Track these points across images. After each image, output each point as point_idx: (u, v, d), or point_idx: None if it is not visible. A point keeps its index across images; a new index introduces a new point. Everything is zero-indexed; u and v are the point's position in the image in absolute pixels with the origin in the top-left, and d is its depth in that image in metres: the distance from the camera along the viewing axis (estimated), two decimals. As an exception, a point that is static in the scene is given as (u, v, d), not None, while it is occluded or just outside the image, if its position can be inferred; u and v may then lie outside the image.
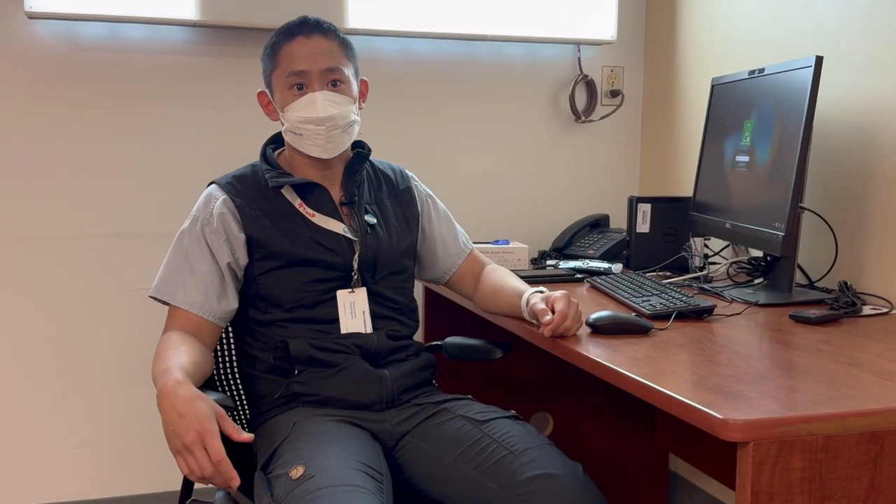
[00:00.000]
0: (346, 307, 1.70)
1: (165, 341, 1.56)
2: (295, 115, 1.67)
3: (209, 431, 1.31)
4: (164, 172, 2.45)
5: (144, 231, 2.45)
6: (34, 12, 2.23)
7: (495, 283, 1.81)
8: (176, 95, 2.44)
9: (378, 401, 1.65)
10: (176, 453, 1.33)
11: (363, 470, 1.44)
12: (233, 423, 1.37)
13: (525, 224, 2.73)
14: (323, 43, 1.68)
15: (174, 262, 1.67)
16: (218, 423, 1.34)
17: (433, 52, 2.64)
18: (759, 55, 2.26)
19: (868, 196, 1.93)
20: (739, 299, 1.87)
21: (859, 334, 1.58)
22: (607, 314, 1.61)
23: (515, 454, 1.49)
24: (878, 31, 1.90)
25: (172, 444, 1.33)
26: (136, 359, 2.45)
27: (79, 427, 2.46)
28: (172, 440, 1.33)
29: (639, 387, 1.28)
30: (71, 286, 2.42)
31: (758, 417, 1.09)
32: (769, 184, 1.88)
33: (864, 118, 1.94)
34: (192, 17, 2.33)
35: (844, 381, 1.26)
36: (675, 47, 2.67)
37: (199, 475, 1.32)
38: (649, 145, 2.83)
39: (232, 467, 1.31)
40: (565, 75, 2.76)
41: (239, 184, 1.72)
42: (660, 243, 2.33)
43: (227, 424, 1.35)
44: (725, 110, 2.14)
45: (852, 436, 1.11)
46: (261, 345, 1.70)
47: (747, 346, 1.53)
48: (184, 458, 1.32)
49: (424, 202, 1.88)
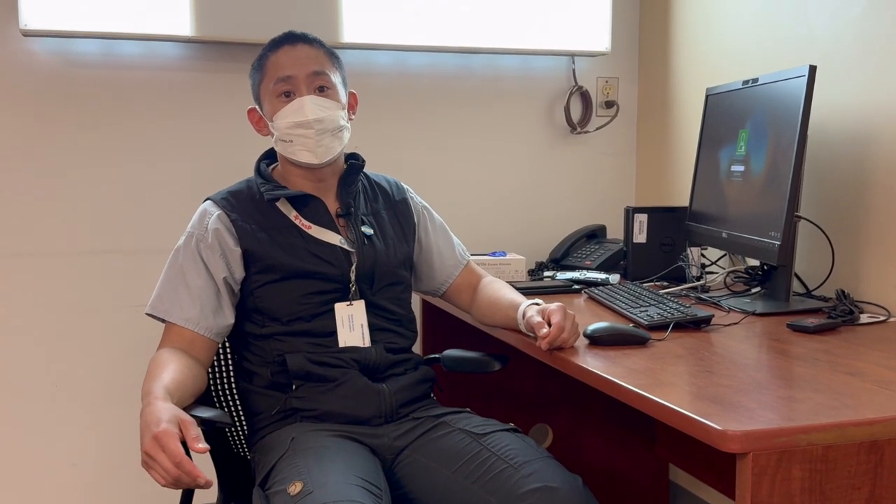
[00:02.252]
0: (344, 320, 1.69)
1: (155, 360, 1.56)
2: (284, 122, 1.67)
3: (165, 433, 1.30)
4: (160, 188, 2.45)
5: (142, 247, 2.44)
6: (29, 30, 2.23)
7: (492, 295, 1.81)
8: (172, 111, 2.44)
9: (376, 415, 1.65)
10: (144, 466, 1.31)
11: (362, 485, 1.43)
12: (196, 431, 1.34)
13: (522, 235, 2.73)
14: (308, 50, 1.70)
15: (170, 278, 1.67)
16: (181, 429, 1.32)
17: (428, 65, 2.65)
18: (754, 65, 2.27)
19: (864, 204, 1.93)
20: (737, 309, 1.87)
21: (857, 343, 1.58)
22: (605, 325, 1.61)
23: (515, 467, 1.48)
24: (871, 39, 1.90)
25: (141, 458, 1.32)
26: (134, 376, 2.41)
27: (77, 444, 2.45)
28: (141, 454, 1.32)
29: (637, 398, 1.28)
30: (68, 303, 2.41)
31: (757, 428, 1.08)
32: (764, 193, 1.88)
33: (860, 127, 1.94)
34: (187, 34, 2.34)
35: (843, 391, 1.25)
36: (669, 58, 2.68)
37: (167, 480, 1.29)
38: (645, 156, 2.84)
39: (194, 466, 1.29)
40: (560, 87, 2.77)
41: (234, 199, 1.72)
42: (657, 253, 2.33)
43: (190, 431, 1.33)
44: (720, 120, 2.14)
45: (852, 445, 1.10)
46: (258, 359, 1.70)
47: (745, 356, 1.53)
48: (150, 466, 1.31)
49: (421, 214, 1.88)
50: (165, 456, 1.29)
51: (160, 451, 1.29)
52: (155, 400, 1.39)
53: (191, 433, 1.33)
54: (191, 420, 1.36)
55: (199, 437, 1.34)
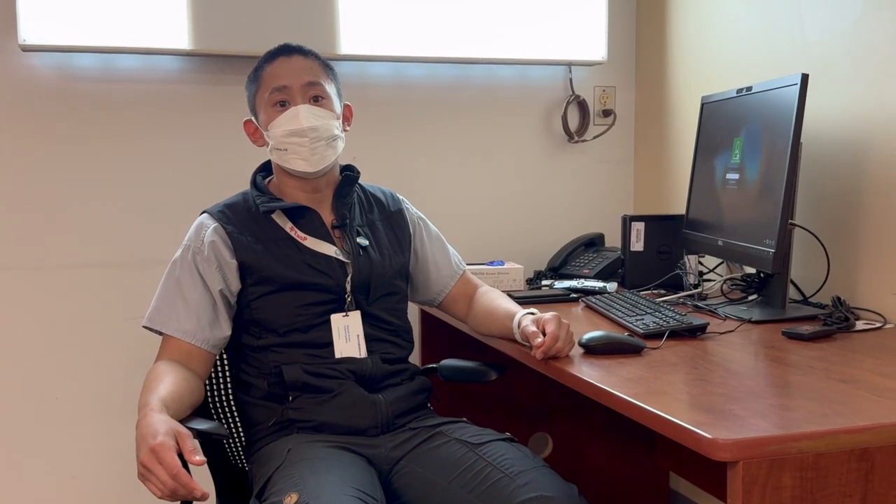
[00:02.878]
0: (340, 331, 1.70)
1: (152, 372, 1.56)
2: (279, 131, 1.69)
3: (162, 446, 1.30)
4: (158, 201, 2.46)
5: (139, 260, 2.45)
6: (28, 45, 2.25)
7: (488, 305, 1.81)
8: (170, 124, 2.46)
9: (373, 426, 1.65)
10: (141, 478, 1.32)
11: (358, 496, 1.43)
12: (193, 444, 1.35)
13: (520, 245, 2.73)
14: (303, 61, 1.72)
15: (166, 291, 1.68)
16: (178, 442, 1.33)
17: (425, 75, 2.66)
18: (749, 73, 2.27)
19: (860, 211, 1.93)
20: (733, 316, 1.87)
21: (852, 350, 1.58)
22: (600, 334, 1.61)
23: (510, 477, 1.48)
24: (865, 48, 1.91)
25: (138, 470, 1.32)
26: (134, 388, 2.41)
27: (77, 457, 2.45)
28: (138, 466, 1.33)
29: (630, 407, 1.28)
30: (66, 315, 2.42)
31: (747, 436, 1.09)
32: (759, 201, 1.88)
33: (854, 134, 1.94)
34: (185, 47, 2.35)
35: (836, 398, 1.25)
36: (665, 66, 2.68)
37: (164, 492, 1.30)
38: (642, 164, 2.84)
39: (190, 479, 1.30)
40: (557, 96, 2.77)
41: (230, 211, 1.73)
42: (654, 261, 2.33)
43: (186, 444, 1.34)
44: (715, 128, 2.15)
45: (843, 453, 1.10)
46: (255, 371, 1.70)
47: (740, 364, 1.53)
48: (146, 478, 1.31)
49: (416, 224, 1.89)
50: (162, 468, 1.29)
51: (157, 464, 1.30)
52: (151, 412, 1.39)
53: (187, 446, 1.34)
54: (187, 432, 1.36)
55: (196, 450, 1.35)
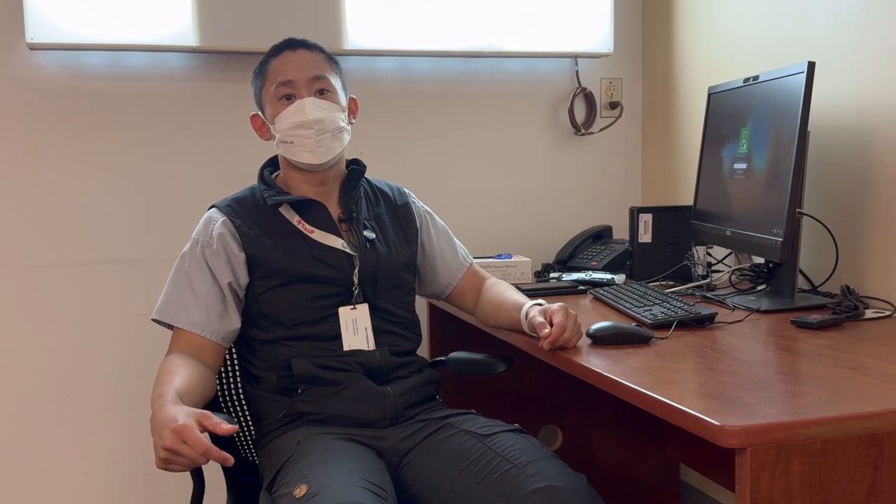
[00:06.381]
0: (348, 324, 1.71)
1: (164, 365, 1.57)
2: (285, 123, 1.70)
3: (185, 426, 1.29)
4: (167, 197, 2.47)
5: (149, 256, 2.46)
6: (36, 43, 2.26)
7: (495, 297, 1.82)
8: (178, 121, 2.47)
9: (382, 418, 1.66)
10: (163, 464, 1.31)
11: (367, 487, 1.44)
12: (217, 419, 1.34)
13: (528, 237, 2.73)
14: (308, 55, 1.74)
15: (176, 284, 1.69)
16: (201, 422, 1.32)
17: (432, 69, 2.66)
18: (756, 62, 2.26)
19: (868, 199, 1.93)
20: (742, 306, 1.87)
21: (861, 338, 1.58)
22: (607, 325, 1.61)
23: (519, 467, 1.49)
24: (872, 35, 1.90)
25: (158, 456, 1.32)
26: (146, 384, 2.44)
27: (90, 453, 2.47)
28: (157, 452, 1.31)
29: (638, 396, 1.28)
30: (77, 312, 2.43)
31: (755, 423, 1.09)
32: (767, 190, 1.88)
33: (862, 122, 1.94)
34: (192, 44, 2.36)
35: (845, 385, 1.25)
36: (672, 57, 2.68)
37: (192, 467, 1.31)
38: (650, 155, 2.84)
39: (220, 451, 1.30)
40: (564, 89, 2.77)
41: (238, 205, 1.74)
42: (662, 253, 2.33)
43: (210, 420, 1.33)
44: (722, 118, 2.14)
45: (851, 439, 1.10)
46: (264, 364, 1.71)
47: (748, 352, 1.53)
48: (172, 462, 1.30)
49: (423, 218, 1.89)
50: (190, 448, 1.28)
51: (183, 444, 1.28)
52: (166, 403, 1.38)
53: (212, 421, 1.33)
54: (207, 412, 1.35)
55: (222, 421, 1.34)
